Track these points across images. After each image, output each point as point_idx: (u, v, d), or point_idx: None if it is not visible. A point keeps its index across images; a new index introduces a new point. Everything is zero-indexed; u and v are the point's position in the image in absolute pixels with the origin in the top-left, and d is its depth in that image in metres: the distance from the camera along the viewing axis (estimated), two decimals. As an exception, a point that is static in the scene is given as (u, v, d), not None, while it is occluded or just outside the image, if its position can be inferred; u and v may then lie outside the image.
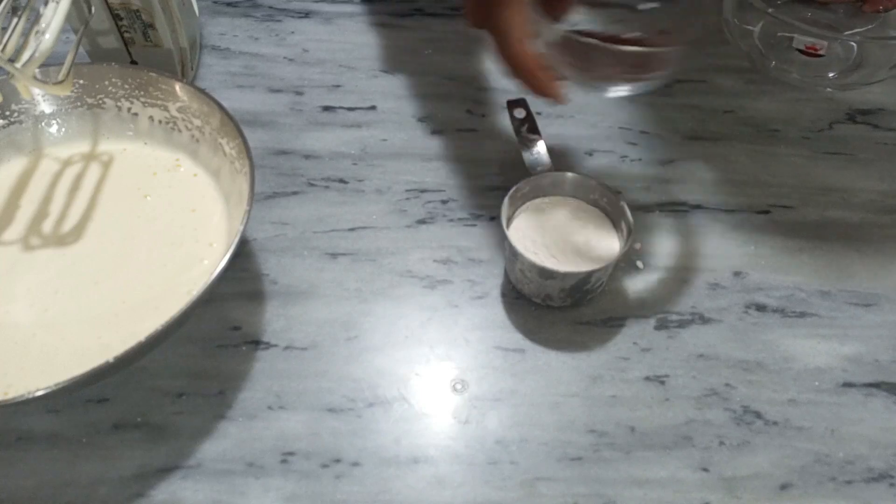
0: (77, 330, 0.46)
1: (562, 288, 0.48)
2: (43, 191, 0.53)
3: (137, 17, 0.58)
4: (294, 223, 0.56)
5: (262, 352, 0.49)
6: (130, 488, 0.43)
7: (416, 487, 0.44)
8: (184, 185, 0.53)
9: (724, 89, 0.66)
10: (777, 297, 0.52)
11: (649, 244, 0.55)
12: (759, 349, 0.50)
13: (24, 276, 0.48)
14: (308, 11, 0.72)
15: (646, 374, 0.48)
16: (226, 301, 0.51)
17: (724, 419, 0.47)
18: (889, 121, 0.64)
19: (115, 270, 0.49)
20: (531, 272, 0.47)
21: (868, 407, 0.47)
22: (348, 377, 0.48)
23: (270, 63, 0.67)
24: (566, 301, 0.50)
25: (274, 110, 0.63)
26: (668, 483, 0.44)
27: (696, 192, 0.58)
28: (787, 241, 0.55)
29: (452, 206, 0.57)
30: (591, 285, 0.48)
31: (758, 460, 0.45)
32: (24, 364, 0.44)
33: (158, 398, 0.47)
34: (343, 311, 0.51)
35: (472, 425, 0.46)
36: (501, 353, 0.49)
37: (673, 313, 0.51)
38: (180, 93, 0.53)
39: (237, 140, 0.49)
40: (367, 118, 0.63)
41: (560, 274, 0.46)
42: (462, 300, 0.52)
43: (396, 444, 0.45)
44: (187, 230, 0.51)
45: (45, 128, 0.55)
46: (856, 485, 0.44)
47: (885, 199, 0.58)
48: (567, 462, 0.45)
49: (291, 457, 0.45)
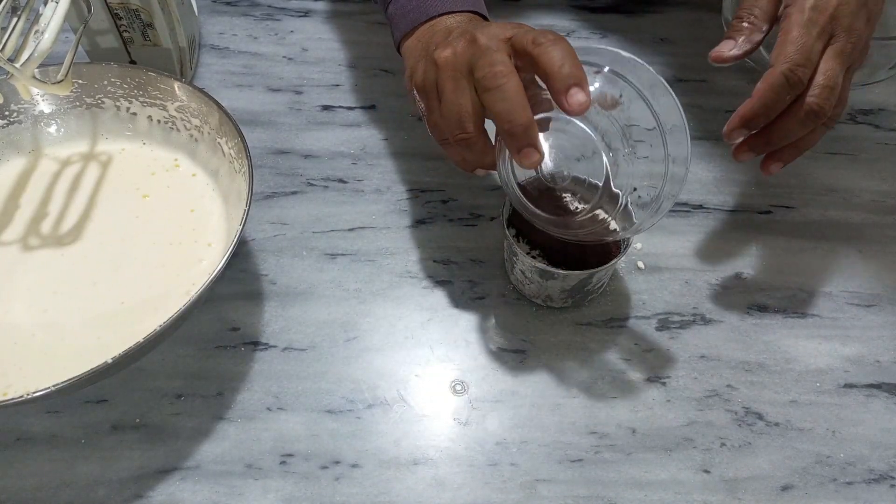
0: (76, 330, 0.46)
1: (563, 288, 0.48)
2: (42, 191, 0.53)
3: (136, 17, 0.57)
4: (293, 223, 0.55)
5: (260, 353, 0.49)
6: (129, 489, 0.43)
7: (415, 489, 0.43)
8: (182, 185, 0.53)
9: (725, 89, 0.66)
10: (778, 297, 0.52)
11: (651, 244, 0.55)
12: (760, 350, 0.50)
13: (23, 277, 0.48)
14: (307, 10, 0.72)
15: (647, 376, 0.48)
16: (224, 301, 0.51)
17: (726, 420, 0.46)
18: (890, 121, 0.63)
19: (114, 271, 0.49)
20: (532, 273, 0.47)
21: (869, 408, 0.47)
22: (348, 378, 0.48)
23: (269, 62, 0.67)
24: (567, 302, 0.50)
25: (273, 110, 0.63)
26: (669, 485, 0.44)
27: (697, 193, 0.58)
28: (788, 242, 0.55)
29: (452, 206, 0.57)
30: (592, 286, 0.48)
31: (759, 461, 0.45)
32: (22, 364, 0.44)
33: (157, 399, 0.47)
34: (342, 311, 0.51)
35: (472, 427, 0.46)
36: (502, 354, 0.49)
37: (674, 314, 0.51)
38: (179, 92, 0.53)
39: (236, 140, 0.49)
40: (366, 117, 0.63)
41: (561, 275, 0.46)
42: (462, 301, 0.51)
43: (396, 445, 0.45)
44: (186, 230, 0.51)
45: (44, 128, 0.55)
46: (857, 486, 0.44)
47: (886, 200, 0.58)
48: (568, 464, 0.44)
49: (290, 458, 0.44)
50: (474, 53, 0.39)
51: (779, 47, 0.42)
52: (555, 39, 0.37)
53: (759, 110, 0.42)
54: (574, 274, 0.46)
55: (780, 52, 0.42)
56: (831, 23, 0.42)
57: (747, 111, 0.43)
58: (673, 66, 0.67)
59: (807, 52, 0.41)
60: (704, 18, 0.72)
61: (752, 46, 0.44)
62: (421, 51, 0.45)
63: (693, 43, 0.69)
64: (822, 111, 0.42)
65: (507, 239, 0.47)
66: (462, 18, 0.46)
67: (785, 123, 0.43)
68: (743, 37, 0.44)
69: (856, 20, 0.42)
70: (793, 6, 0.43)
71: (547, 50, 0.37)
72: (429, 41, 0.44)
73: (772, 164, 0.47)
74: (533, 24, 0.68)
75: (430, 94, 0.41)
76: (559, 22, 0.71)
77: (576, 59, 0.37)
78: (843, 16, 0.42)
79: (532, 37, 0.38)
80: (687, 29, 0.71)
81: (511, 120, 0.37)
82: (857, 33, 0.42)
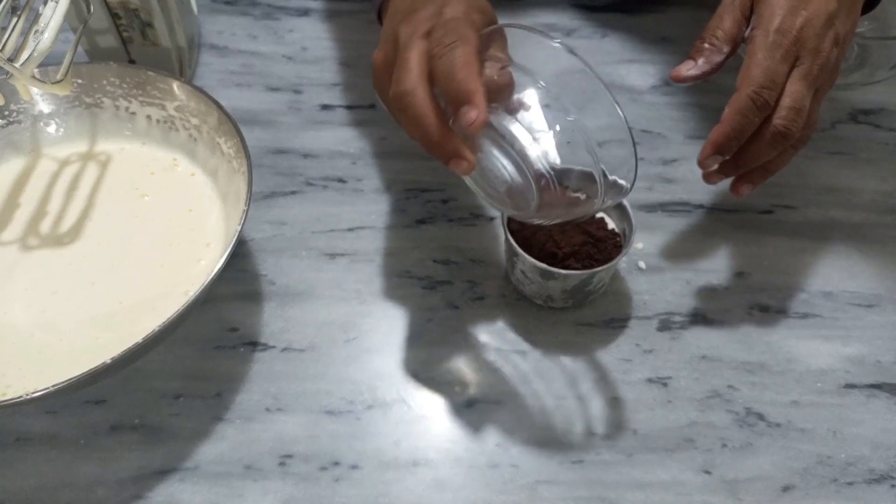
0: (75, 330, 0.46)
1: (563, 289, 0.48)
2: (41, 191, 0.53)
3: (136, 16, 0.57)
4: (292, 223, 0.55)
5: (259, 353, 0.49)
6: (128, 490, 0.43)
7: (415, 491, 0.43)
8: (181, 185, 0.53)
9: (726, 88, 0.65)
10: (780, 297, 0.52)
11: (652, 244, 0.55)
12: (761, 350, 0.49)
13: (21, 277, 0.48)
14: (307, 9, 0.72)
15: (648, 376, 0.48)
16: (223, 302, 0.51)
17: (727, 421, 0.46)
18: (891, 121, 0.63)
19: (113, 271, 0.49)
20: (532, 273, 0.47)
21: (870, 408, 0.47)
22: (347, 379, 0.48)
23: (269, 61, 0.67)
24: (568, 302, 0.50)
25: (272, 109, 0.63)
26: (670, 486, 0.44)
27: (698, 192, 0.58)
28: (789, 242, 0.55)
29: (452, 206, 0.57)
30: (593, 286, 0.48)
31: (760, 462, 0.45)
32: (21, 365, 0.44)
33: (156, 400, 0.46)
34: (342, 312, 0.51)
35: (472, 428, 0.46)
36: (502, 354, 0.49)
37: (675, 314, 0.51)
38: (178, 92, 0.53)
39: (235, 139, 0.49)
40: (366, 117, 0.63)
41: (562, 275, 0.46)
42: (462, 301, 0.51)
43: (396, 446, 0.45)
44: (185, 230, 0.50)
45: (43, 128, 0.55)
46: (857, 486, 0.44)
47: (887, 200, 0.58)
48: (568, 465, 0.44)
49: (289, 459, 0.44)
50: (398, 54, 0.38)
51: (743, 71, 0.42)
52: (449, 46, 0.36)
53: (730, 135, 0.42)
54: (575, 274, 0.46)
55: (744, 76, 0.42)
56: (795, 45, 0.42)
57: (719, 137, 0.43)
58: (674, 66, 0.67)
59: (771, 75, 0.41)
60: (705, 18, 0.71)
61: (711, 67, 0.45)
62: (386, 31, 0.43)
63: (694, 42, 0.69)
64: (790, 133, 0.42)
65: (508, 239, 0.47)
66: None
67: (754, 146, 0.43)
68: (703, 58, 0.45)
69: (822, 42, 0.42)
70: (757, 28, 0.43)
71: (436, 64, 0.36)
72: (391, 20, 0.42)
73: (742, 185, 0.47)
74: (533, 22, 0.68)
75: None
76: (560, 20, 0.71)
77: (466, 70, 0.35)
78: (807, 38, 0.42)
79: (432, 46, 0.37)
80: (688, 28, 0.70)
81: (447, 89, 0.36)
82: (823, 55, 0.42)
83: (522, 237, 0.48)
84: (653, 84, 0.66)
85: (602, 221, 0.50)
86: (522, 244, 0.47)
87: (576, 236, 0.48)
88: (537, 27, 0.39)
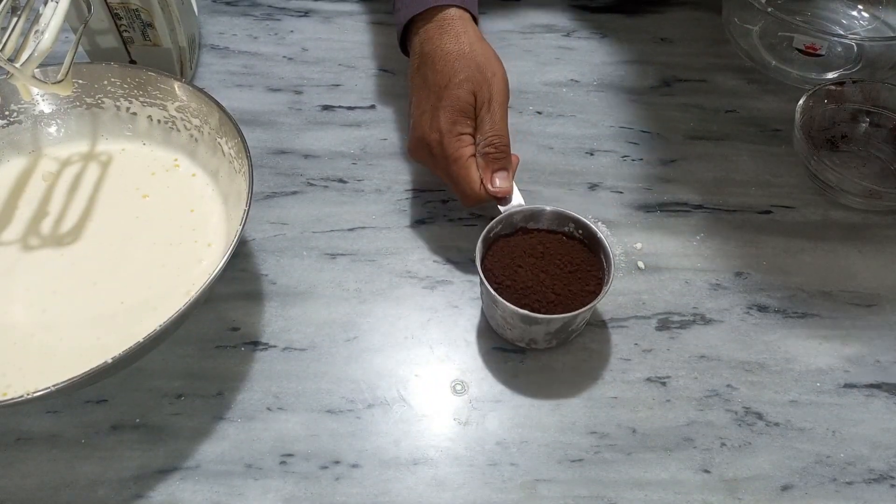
0: (75, 330, 0.46)
1: (547, 332, 0.47)
2: (42, 191, 0.53)
3: (136, 17, 0.57)
4: (293, 223, 0.55)
5: (260, 353, 0.49)
6: (129, 489, 0.43)
7: (415, 489, 0.43)
8: (182, 185, 0.53)
9: (726, 89, 0.66)
10: (778, 297, 0.52)
11: (650, 244, 0.55)
12: (760, 350, 0.50)
13: (22, 277, 0.48)
14: (307, 10, 0.72)
15: (647, 376, 0.48)
16: (224, 301, 0.51)
17: (726, 420, 0.46)
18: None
19: (114, 271, 0.49)
20: (513, 318, 0.46)
21: (869, 408, 0.47)
22: (347, 378, 0.48)
23: (269, 62, 0.67)
24: (552, 343, 0.48)
25: (273, 110, 0.63)
26: (669, 484, 0.44)
27: (697, 192, 0.58)
28: (788, 242, 0.55)
29: (452, 206, 0.57)
30: (576, 325, 0.47)
31: (759, 461, 0.45)
32: (22, 364, 0.44)
33: (157, 399, 0.47)
34: (342, 311, 0.51)
35: (472, 427, 0.46)
36: (502, 354, 0.49)
37: (674, 314, 0.51)
38: (179, 92, 0.53)
39: (236, 140, 0.49)
40: (366, 117, 0.63)
41: (545, 319, 0.45)
42: (462, 301, 0.51)
43: (396, 445, 0.45)
44: (186, 230, 0.51)
45: (44, 128, 0.55)
46: (856, 486, 0.44)
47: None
48: (568, 464, 0.44)
49: (290, 458, 0.44)
50: None
51: None
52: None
53: None
54: (558, 318, 0.45)
55: None
56: None
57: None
58: (673, 66, 0.67)
59: None
60: (704, 18, 0.72)
61: None
62: (420, 86, 0.52)
63: (693, 43, 0.69)
64: None
65: (485, 285, 0.46)
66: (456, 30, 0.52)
67: None
68: None
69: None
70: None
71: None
72: (426, 75, 0.52)
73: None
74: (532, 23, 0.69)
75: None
76: (558, 21, 0.71)
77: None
78: None
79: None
80: (687, 29, 0.71)
81: None
82: None
83: (498, 281, 0.46)
84: (652, 84, 0.66)
85: (580, 252, 0.48)
86: (499, 288, 0.46)
87: (554, 271, 0.47)
88: None
